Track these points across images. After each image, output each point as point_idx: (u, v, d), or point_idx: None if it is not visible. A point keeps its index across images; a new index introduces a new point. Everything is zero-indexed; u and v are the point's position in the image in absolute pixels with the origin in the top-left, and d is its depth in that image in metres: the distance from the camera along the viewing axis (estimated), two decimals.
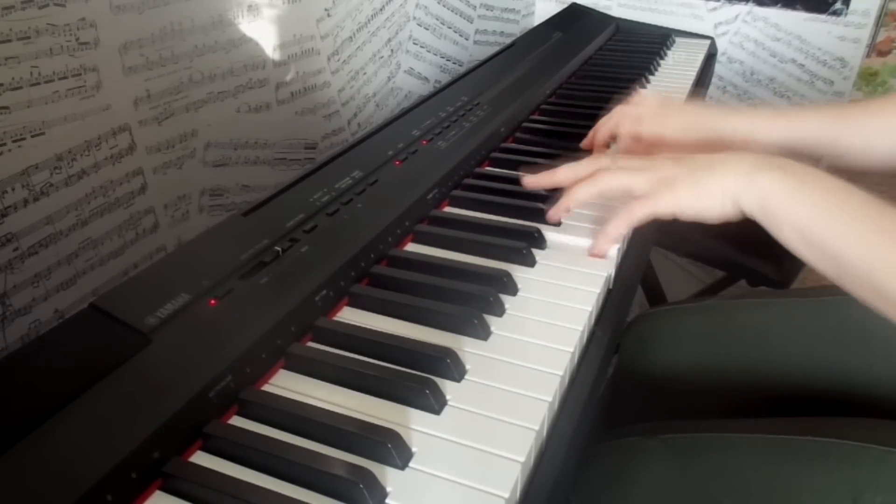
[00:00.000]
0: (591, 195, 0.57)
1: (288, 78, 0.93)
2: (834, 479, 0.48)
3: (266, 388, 0.43)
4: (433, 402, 0.41)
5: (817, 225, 0.47)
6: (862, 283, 0.46)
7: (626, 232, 0.56)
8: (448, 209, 0.66)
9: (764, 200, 0.50)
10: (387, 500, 0.36)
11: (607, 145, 0.75)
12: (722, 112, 0.68)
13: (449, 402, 0.42)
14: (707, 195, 0.52)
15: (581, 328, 0.49)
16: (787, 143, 0.65)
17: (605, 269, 0.56)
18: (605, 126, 0.73)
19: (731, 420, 0.57)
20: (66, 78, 0.64)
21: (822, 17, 1.32)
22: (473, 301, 0.50)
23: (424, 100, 0.80)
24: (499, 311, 0.50)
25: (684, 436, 0.57)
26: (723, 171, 0.52)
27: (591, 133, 0.75)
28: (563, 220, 0.62)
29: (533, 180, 0.62)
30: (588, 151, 0.75)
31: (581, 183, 0.57)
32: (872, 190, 0.47)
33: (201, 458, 0.38)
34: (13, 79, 0.60)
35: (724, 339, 0.69)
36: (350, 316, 0.50)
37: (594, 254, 0.57)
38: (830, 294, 0.68)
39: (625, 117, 0.70)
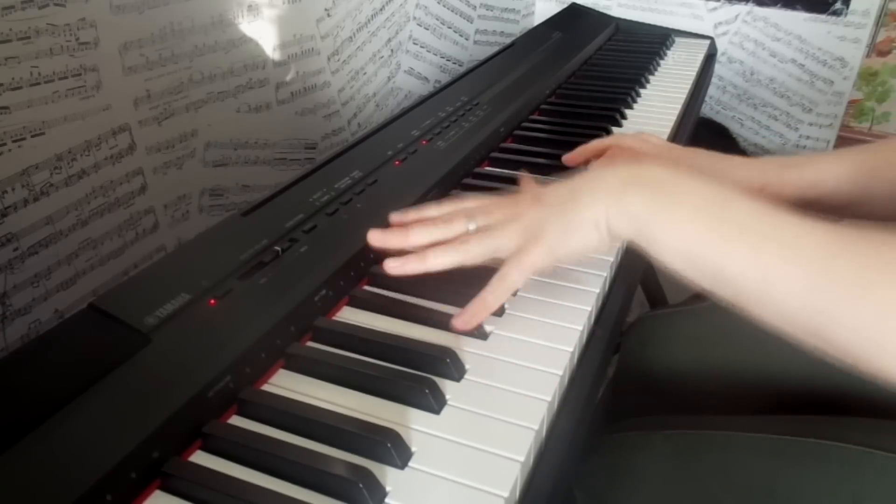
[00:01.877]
0: (448, 266, 0.49)
1: (288, 78, 0.93)
2: (836, 482, 0.48)
3: (265, 387, 0.43)
4: (433, 402, 0.41)
5: (703, 246, 0.41)
6: (761, 306, 0.41)
7: (507, 294, 0.49)
8: None
9: (637, 222, 0.44)
10: (386, 500, 0.36)
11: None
12: (730, 161, 0.62)
13: (448, 402, 0.42)
14: (578, 232, 0.46)
15: (581, 328, 0.49)
16: (799, 198, 0.59)
17: (604, 270, 0.56)
18: (600, 154, 0.66)
19: (733, 418, 0.56)
20: (66, 78, 0.64)
21: (822, 17, 1.32)
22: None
23: (424, 100, 0.80)
24: (499, 310, 0.50)
25: (688, 432, 0.57)
26: (589, 199, 0.46)
27: (579, 151, 0.70)
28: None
29: (380, 238, 0.52)
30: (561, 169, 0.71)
31: (437, 250, 0.50)
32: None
33: (201, 458, 0.38)
34: (13, 79, 0.60)
35: (724, 340, 0.69)
36: (349, 316, 0.50)
37: (460, 325, 0.48)
38: None
39: (622, 149, 0.64)
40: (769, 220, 0.40)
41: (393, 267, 0.50)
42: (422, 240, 0.51)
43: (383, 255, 0.56)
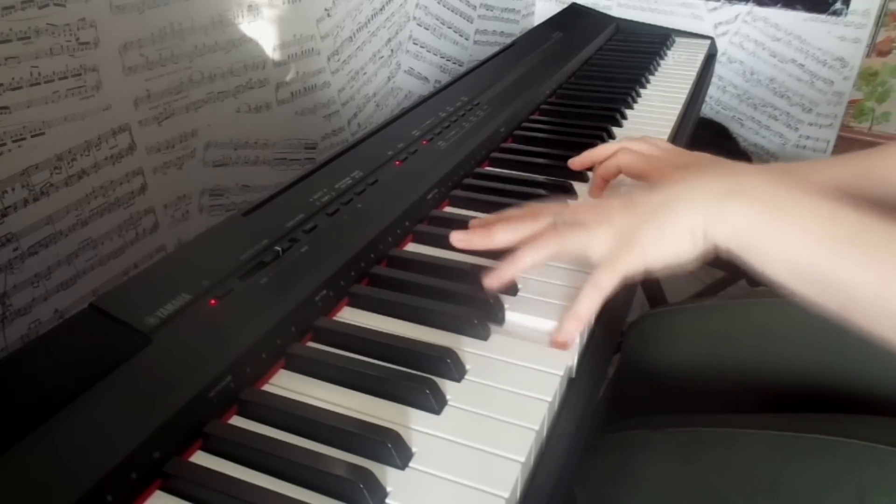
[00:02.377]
0: (539, 261, 0.49)
1: (288, 78, 0.93)
2: (840, 478, 0.48)
3: (266, 387, 0.43)
4: (433, 402, 0.41)
5: (813, 256, 0.41)
6: (877, 315, 0.40)
7: (600, 301, 0.48)
8: (448, 209, 0.66)
9: (739, 233, 0.44)
10: (387, 500, 0.36)
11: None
12: (712, 162, 0.61)
13: (449, 402, 0.42)
14: (674, 240, 0.46)
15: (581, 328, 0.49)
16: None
17: None
18: (606, 159, 0.65)
19: (736, 415, 0.56)
20: (66, 78, 0.64)
21: (822, 17, 1.32)
22: (474, 301, 0.50)
23: (424, 100, 0.80)
24: (499, 314, 0.50)
25: (690, 430, 0.56)
26: (685, 209, 0.45)
27: (585, 156, 0.69)
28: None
29: (464, 239, 0.52)
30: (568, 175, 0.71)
31: (526, 247, 0.49)
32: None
33: (201, 458, 0.38)
34: (13, 79, 0.60)
35: (724, 340, 0.69)
36: (350, 316, 0.50)
37: (559, 341, 0.47)
38: None
39: (630, 153, 0.63)
40: (881, 227, 0.40)
41: (490, 281, 0.50)
42: (507, 238, 0.50)
43: (383, 255, 0.56)
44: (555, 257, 0.49)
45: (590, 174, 0.72)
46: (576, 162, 0.70)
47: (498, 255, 0.52)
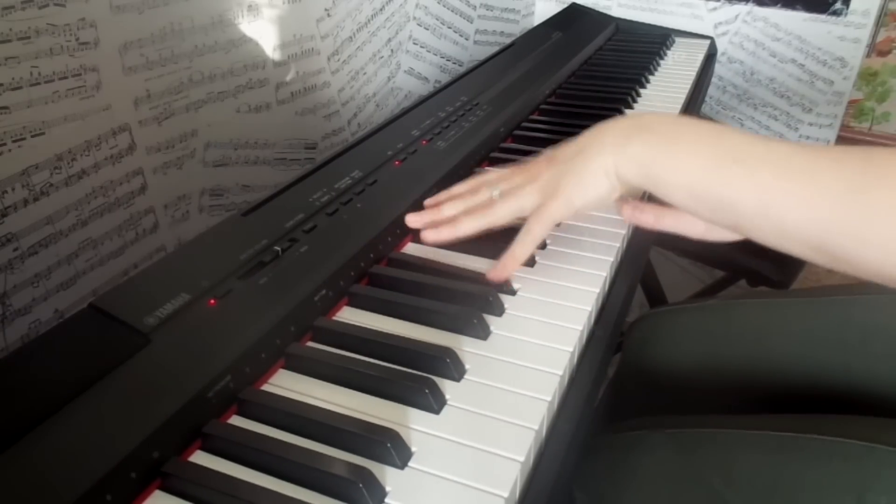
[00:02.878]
0: (478, 227, 0.55)
1: (288, 78, 0.93)
2: (838, 477, 0.48)
3: (265, 387, 0.43)
4: (432, 402, 0.41)
5: (704, 179, 0.45)
6: (760, 228, 0.44)
7: (531, 249, 0.53)
8: None
9: (643, 167, 0.48)
10: (386, 500, 0.36)
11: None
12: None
13: (448, 402, 0.42)
14: (592, 182, 0.50)
15: (580, 328, 0.49)
16: None
17: (604, 270, 0.56)
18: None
19: (735, 416, 0.56)
20: (66, 78, 0.64)
21: (822, 17, 1.32)
22: (473, 301, 0.50)
23: (424, 100, 0.80)
24: (498, 310, 0.50)
25: (689, 430, 0.57)
26: (597, 151, 0.50)
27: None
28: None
29: (415, 219, 0.59)
30: None
31: (467, 216, 0.56)
32: None
33: (200, 458, 0.38)
34: (13, 79, 0.60)
35: (724, 340, 0.69)
36: (349, 316, 0.50)
37: (494, 276, 0.53)
38: (831, 294, 0.68)
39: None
40: (761, 145, 0.44)
41: (428, 234, 0.57)
42: (452, 212, 0.57)
43: (383, 255, 0.56)
44: (494, 224, 0.55)
45: None
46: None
47: (497, 253, 0.53)
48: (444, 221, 0.57)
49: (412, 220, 0.59)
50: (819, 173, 0.41)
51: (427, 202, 0.60)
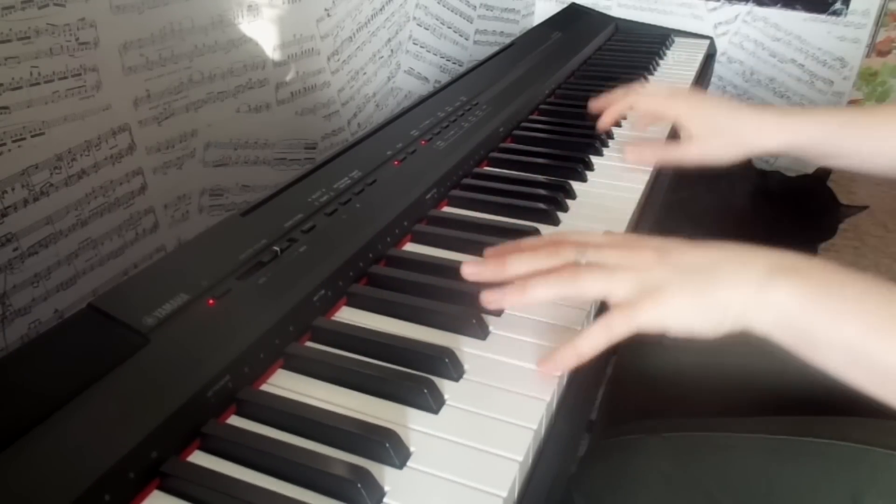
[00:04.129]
0: (549, 298, 0.45)
1: (288, 78, 0.93)
2: (834, 480, 0.48)
3: (264, 387, 0.43)
4: (431, 402, 0.41)
5: (867, 340, 0.38)
6: None
7: (604, 347, 0.44)
8: (447, 209, 0.66)
9: (789, 319, 0.40)
10: (385, 500, 0.36)
11: (618, 123, 0.81)
12: (732, 109, 0.69)
13: (447, 402, 0.42)
14: (703, 311, 0.42)
15: (580, 328, 0.49)
16: (791, 143, 0.66)
17: None
18: (620, 100, 0.75)
19: (732, 419, 0.57)
20: (66, 78, 0.64)
21: (822, 17, 1.32)
22: (472, 301, 0.50)
23: (424, 100, 0.80)
24: (498, 311, 0.50)
25: (685, 434, 0.57)
26: (727, 281, 0.42)
27: (602, 100, 0.77)
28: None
29: (474, 271, 0.48)
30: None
31: (539, 280, 0.45)
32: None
33: (199, 458, 0.38)
34: (13, 79, 0.60)
35: (723, 340, 0.69)
36: (348, 316, 0.50)
37: (547, 368, 0.45)
38: None
39: (639, 94, 0.73)
40: None
41: (489, 297, 0.46)
42: (520, 270, 0.46)
43: (382, 255, 0.56)
44: (573, 298, 0.46)
45: (588, 174, 0.72)
46: (602, 125, 0.78)
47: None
48: (509, 280, 0.46)
49: (469, 271, 0.48)
50: None
51: (488, 252, 0.49)
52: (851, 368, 0.40)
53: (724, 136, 0.69)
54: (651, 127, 0.83)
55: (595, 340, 0.44)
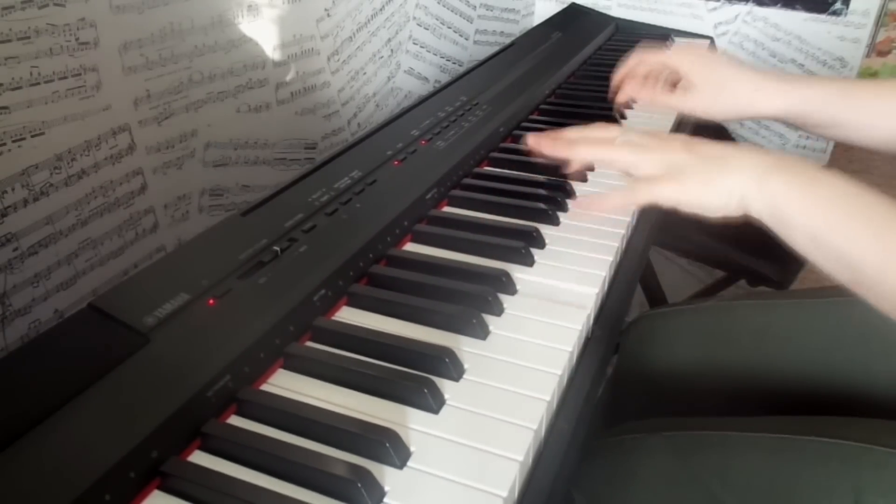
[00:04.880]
0: (594, 158, 0.58)
1: (288, 78, 0.93)
2: (836, 479, 0.48)
3: (264, 387, 0.43)
4: (432, 402, 0.41)
5: (831, 231, 0.46)
6: (878, 290, 0.44)
7: (623, 208, 0.56)
8: (447, 209, 0.66)
9: (775, 205, 0.48)
10: (385, 500, 0.36)
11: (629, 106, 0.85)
12: (734, 67, 0.72)
13: (447, 402, 0.42)
14: (714, 191, 0.51)
15: (580, 328, 0.49)
16: (789, 108, 0.67)
17: (604, 270, 0.56)
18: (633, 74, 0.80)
19: (732, 419, 0.57)
20: (66, 78, 0.64)
21: (822, 17, 1.32)
22: (472, 300, 0.50)
23: (424, 100, 0.80)
24: (497, 310, 0.50)
25: (686, 433, 0.57)
26: (735, 169, 0.51)
27: (622, 73, 0.81)
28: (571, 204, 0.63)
29: (536, 141, 0.61)
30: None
31: (587, 142, 0.57)
32: (872, 188, 0.46)
33: (199, 458, 0.38)
34: (13, 79, 0.60)
35: (724, 340, 0.69)
36: (349, 315, 0.50)
37: (579, 205, 0.59)
38: (830, 295, 0.68)
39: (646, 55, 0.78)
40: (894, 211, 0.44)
41: (535, 141, 0.60)
42: (575, 135, 0.59)
43: (382, 255, 0.56)
44: (608, 163, 0.57)
45: (589, 174, 0.72)
46: (620, 101, 0.83)
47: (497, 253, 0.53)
48: (562, 139, 0.59)
49: (532, 140, 0.61)
50: None
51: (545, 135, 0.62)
52: (814, 250, 0.47)
53: (724, 91, 0.71)
54: (657, 115, 0.84)
55: (618, 201, 0.57)
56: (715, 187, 0.51)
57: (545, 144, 0.59)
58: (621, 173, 0.58)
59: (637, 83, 0.78)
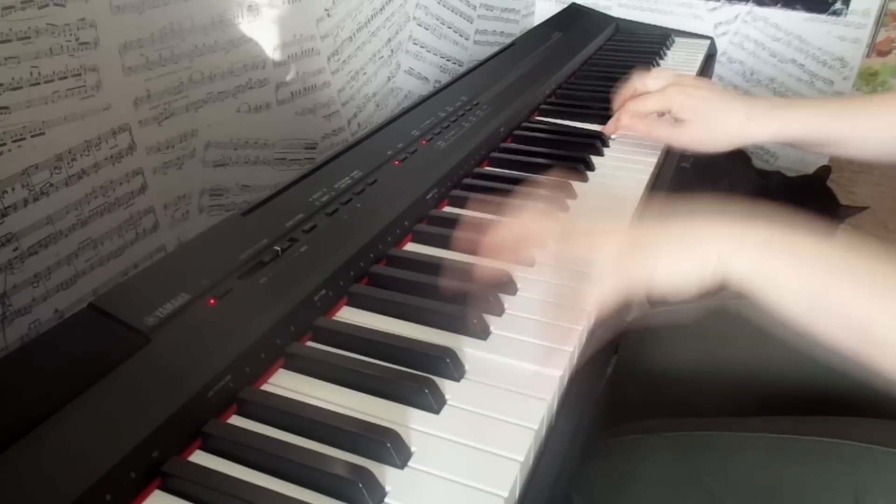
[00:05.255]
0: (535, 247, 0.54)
1: (288, 78, 0.93)
2: (836, 479, 0.48)
3: (265, 387, 0.43)
4: (432, 402, 0.41)
5: (829, 286, 0.41)
6: (887, 350, 0.39)
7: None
8: (447, 209, 0.66)
9: (757, 268, 0.44)
10: (386, 500, 0.36)
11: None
12: (723, 100, 0.71)
13: (448, 402, 0.42)
14: (686, 265, 0.45)
15: (581, 328, 0.49)
16: (781, 132, 0.68)
17: None
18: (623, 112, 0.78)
19: (732, 418, 0.57)
20: (66, 78, 0.64)
21: (822, 17, 1.32)
22: (473, 301, 0.50)
23: (424, 100, 0.80)
24: (498, 310, 0.50)
25: (685, 433, 0.57)
26: (705, 238, 0.45)
27: (617, 116, 0.79)
28: None
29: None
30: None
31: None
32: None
33: (200, 458, 0.38)
34: (13, 79, 0.60)
35: (723, 339, 0.69)
36: (349, 315, 0.50)
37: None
38: None
39: (633, 102, 0.77)
40: (892, 267, 0.40)
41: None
42: (499, 238, 0.53)
43: (383, 255, 0.56)
44: (557, 261, 0.51)
45: (589, 174, 0.72)
46: (608, 130, 0.82)
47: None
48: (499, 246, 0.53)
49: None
50: None
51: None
52: (813, 315, 0.42)
53: (715, 125, 0.71)
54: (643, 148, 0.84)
55: (591, 301, 0.48)
56: (685, 261, 0.45)
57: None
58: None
59: (631, 118, 0.78)
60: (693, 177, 1.09)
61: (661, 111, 0.77)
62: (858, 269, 0.41)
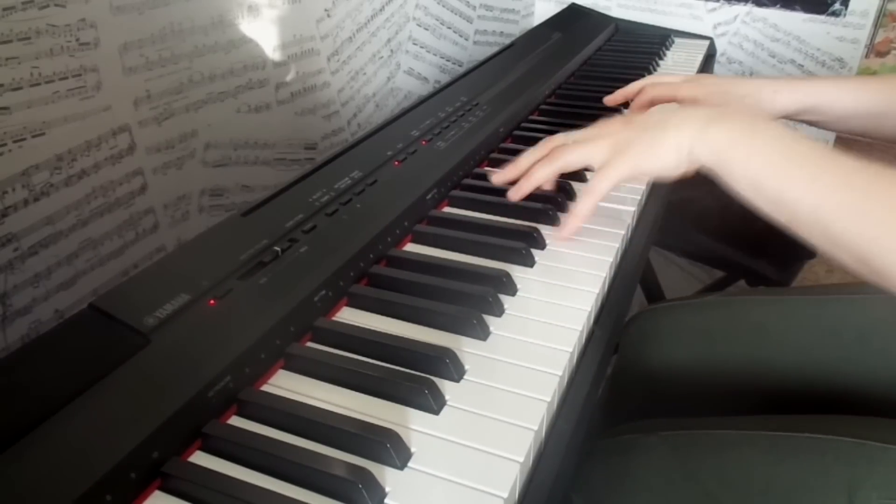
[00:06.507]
0: (551, 173, 0.60)
1: (288, 78, 0.93)
2: (830, 475, 0.48)
3: (265, 388, 0.43)
4: (432, 403, 0.41)
5: (769, 177, 0.48)
6: (814, 232, 0.46)
7: (593, 206, 0.58)
8: (447, 209, 0.66)
9: (717, 153, 0.51)
10: (385, 500, 0.36)
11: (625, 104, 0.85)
12: (744, 80, 0.75)
13: (448, 403, 0.42)
14: (662, 152, 0.54)
15: (580, 328, 0.49)
16: (805, 101, 0.69)
17: (604, 270, 0.56)
18: (636, 90, 0.80)
19: (729, 417, 0.57)
20: (66, 78, 0.64)
21: (821, 17, 1.32)
22: (472, 301, 0.50)
23: (424, 100, 0.80)
24: (498, 311, 0.50)
25: (683, 433, 0.57)
26: (676, 126, 0.54)
27: (619, 93, 0.82)
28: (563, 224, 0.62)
29: (500, 175, 0.64)
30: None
31: (538, 164, 0.60)
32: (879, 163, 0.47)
33: (200, 459, 0.38)
34: (13, 79, 0.60)
35: (723, 337, 0.69)
36: (349, 316, 0.50)
37: (563, 237, 0.59)
38: (830, 293, 0.68)
39: (657, 84, 0.77)
40: (829, 157, 0.47)
41: (511, 194, 0.62)
42: (529, 161, 0.62)
43: (383, 255, 0.56)
44: (563, 168, 0.60)
45: (589, 174, 0.72)
46: (610, 98, 0.84)
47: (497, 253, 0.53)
48: (521, 176, 0.62)
49: (497, 178, 0.65)
50: (880, 192, 0.44)
51: (503, 168, 0.65)
52: (755, 196, 0.50)
53: (748, 105, 0.72)
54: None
55: (587, 203, 0.57)
56: (662, 148, 0.54)
57: (512, 194, 0.62)
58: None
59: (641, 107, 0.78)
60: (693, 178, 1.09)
61: (678, 101, 0.77)
62: (798, 159, 0.48)
